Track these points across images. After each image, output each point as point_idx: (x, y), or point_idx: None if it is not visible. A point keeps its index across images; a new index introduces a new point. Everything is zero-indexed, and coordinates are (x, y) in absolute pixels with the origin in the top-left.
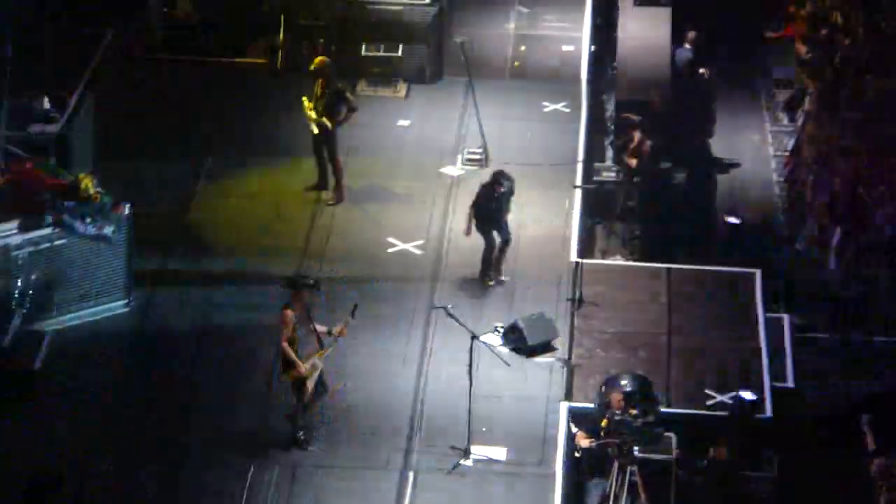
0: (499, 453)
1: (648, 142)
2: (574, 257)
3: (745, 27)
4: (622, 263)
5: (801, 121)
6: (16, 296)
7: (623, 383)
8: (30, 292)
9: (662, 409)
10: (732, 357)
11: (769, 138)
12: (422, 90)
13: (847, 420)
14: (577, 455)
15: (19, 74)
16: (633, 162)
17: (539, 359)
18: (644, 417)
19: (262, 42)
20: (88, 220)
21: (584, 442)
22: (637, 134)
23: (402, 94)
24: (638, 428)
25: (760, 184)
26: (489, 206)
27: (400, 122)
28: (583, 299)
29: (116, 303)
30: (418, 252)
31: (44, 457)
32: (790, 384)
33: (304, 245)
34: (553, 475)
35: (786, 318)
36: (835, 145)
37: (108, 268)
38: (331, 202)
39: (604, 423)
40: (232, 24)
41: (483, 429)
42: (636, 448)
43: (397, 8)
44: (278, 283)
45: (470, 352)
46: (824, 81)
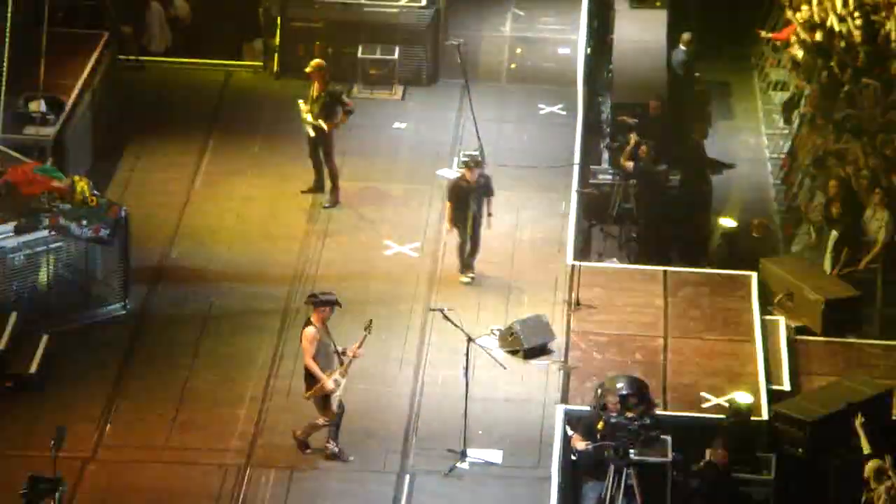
0: (495, 456)
1: (644, 145)
2: (570, 260)
3: (741, 29)
4: (618, 266)
5: (797, 123)
6: (12, 299)
7: (619, 386)
8: (26, 295)
9: (658, 412)
10: (728, 359)
11: (765, 141)
12: (418, 92)
13: (842, 422)
14: (574, 458)
15: (16, 77)
16: (630, 164)
17: (535, 361)
18: (640, 420)
19: (258, 44)
20: (84, 223)
21: (581, 444)
22: (633, 136)
23: (399, 97)
24: (634, 430)
25: (756, 186)
26: (460, 194)
27: (396, 125)
28: (579, 302)
29: (112, 305)
30: (415, 254)
31: (40, 459)
32: (786, 387)
33: (300, 248)
34: (549, 478)
35: (781, 321)
36: (830, 148)
37: (104, 270)
38: (327, 205)
39: (600, 426)
40: (228, 26)
41: (479, 431)
42: (632, 451)
43: (394, 10)
44: (275, 289)
45: (466, 354)
46: (820, 84)
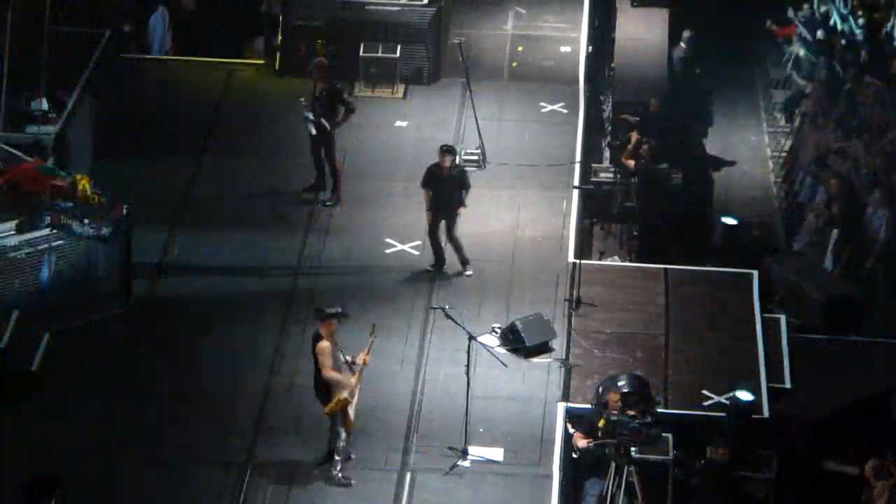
0: (496, 454)
1: (646, 143)
2: (572, 258)
3: (743, 27)
4: (620, 264)
5: (798, 122)
6: (13, 297)
7: (620, 384)
8: (27, 293)
9: (660, 410)
10: (729, 358)
11: (766, 139)
12: (420, 91)
13: (843, 420)
14: (575, 455)
15: (17, 75)
16: (631, 163)
17: (536, 359)
18: (641, 418)
19: (260, 43)
20: (86, 221)
21: (582, 442)
22: (634, 135)
23: (400, 95)
24: (635, 428)
25: (758, 184)
26: (430, 179)
27: (398, 123)
28: (580, 300)
29: (114, 303)
30: (416, 253)
31: (41, 457)
32: (787, 385)
33: (302, 246)
34: (550, 476)
35: (783, 319)
36: (831, 146)
37: (106, 268)
38: (329, 203)
39: (601, 424)
40: (230, 25)
41: (480, 429)
42: (633, 448)
43: (395, 9)
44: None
45: (467, 352)
46: (821, 82)
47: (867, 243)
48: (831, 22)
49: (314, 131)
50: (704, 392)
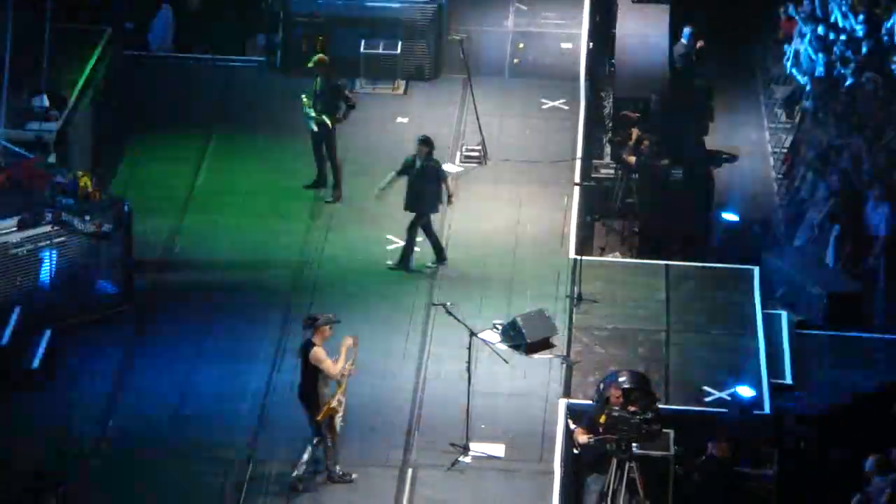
0: (497, 450)
1: (646, 139)
2: (573, 254)
3: (744, 23)
4: (621, 260)
5: (799, 118)
6: (15, 293)
7: (621, 380)
8: (28, 290)
9: (661, 406)
10: (730, 353)
11: (767, 135)
12: (421, 87)
13: (845, 416)
14: (576, 452)
15: (19, 72)
16: (632, 159)
17: (538, 356)
18: (642, 414)
19: (261, 39)
20: (87, 218)
21: (583, 438)
22: (635, 131)
23: (401, 92)
24: (636, 424)
25: (758, 180)
26: (404, 167)
27: (399, 120)
28: (581, 296)
29: (115, 300)
30: (417, 249)
31: (42, 455)
32: (788, 380)
33: (303, 242)
34: (552, 472)
35: (784, 315)
36: (831, 142)
37: (107, 265)
38: (330, 199)
39: (602, 420)
40: (231, 21)
41: (482, 426)
42: (634, 444)
43: (396, 5)
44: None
45: (469, 349)
46: (821, 79)
47: (868, 239)
48: (832, 18)
49: (315, 128)
50: (705, 388)
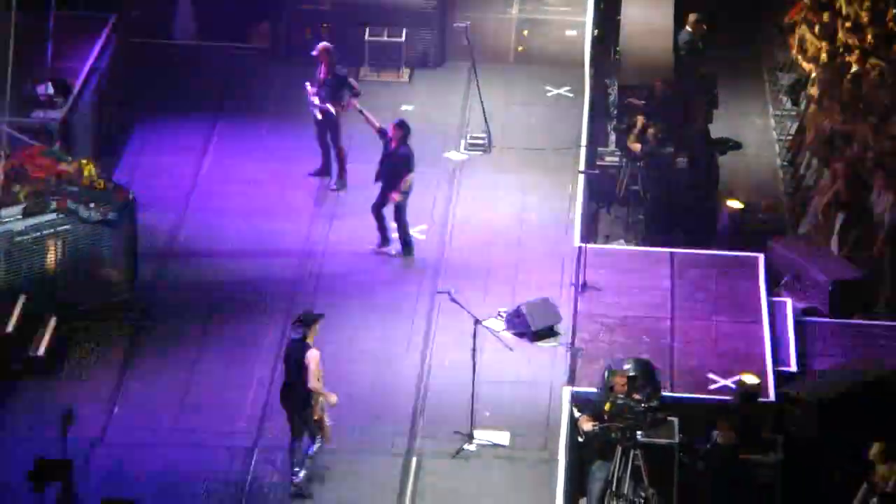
0: (502, 438)
1: (651, 127)
2: (577, 242)
3: (749, 10)
4: (625, 248)
5: (804, 105)
6: (20, 281)
7: (626, 367)
8: (34, 278)
9: (665, 394)
10: (735, 341)
11: (772, 122)
12: (425, 75)
13: (850, 403)
14: (581, 439)
15: (23, 60)
16: (637, 146)
17: (542, 343)
18: (647, 401)
19: (265, 27)
20: (92, 206)
21: (588, 426)
22: (640, 118)
23: (406, 79)
24: (641, 412)
25: (763, 168)
26: (383, 155)
27: (403, 107)
28: (586, 284)
29: (120, 288)
30: (422, 237)
31: (47, 442)
32: (793, 368)
33: (308, 230)
34: (556, 460)
35: (789, 302)
36: (837, 129)
37: (112, 253)
38: (334, 187)
39: (607, 408)
40: (235, 9)
41: (486, 413)
42: (639, 432)
43: None
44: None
45: (473, 336)
46: (826, 66)
47: (873, 226)
48: (836, 5)
49: (319, 116)
50: (710, 375)
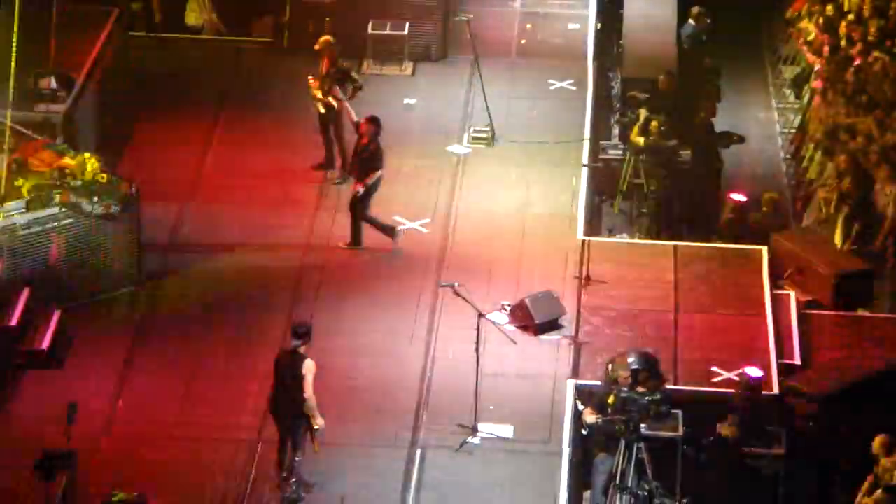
0: (506, 431)
1: (654, 120)
2: (581, 235)
3: (753, 2)
4: (629, 241)
5: (808, 98)
6: (24, 275)
7: (630, 360)
8: (37, 271)
9: (669, 386)
10: (739, 334)
11: (775, 115)
12: (428, 68)
13: (853, 396)
14: (584, 432)
15: (26, 54)
16: (640, 140)
17: (546, 336)
18: (651, 395)
19: (268, 20)
20: (95, 199)
21: (591, 419)
22: (643, 111)
23: (409, 73)
24: (645, 405)
25: (767, 161)
26: (354, 150)
27: (406, 101)
28: (590, 277)
29: (123, 281)
30: (425, 230)
31: (52, 435)
32: (796, 361)
33: (311, 224)
34: (560, 452)
35: (792, 295)
36: (841, 122)
37: (115, 246)
38: (337, 180)
39: (611, 401)
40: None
41: (490, 406)
42: (643, 425)
43: None
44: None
45: (477, 329)
46: (829, 59)
47: (876, 219)
48: None
49: (322, 109)
50: (714, 368)
